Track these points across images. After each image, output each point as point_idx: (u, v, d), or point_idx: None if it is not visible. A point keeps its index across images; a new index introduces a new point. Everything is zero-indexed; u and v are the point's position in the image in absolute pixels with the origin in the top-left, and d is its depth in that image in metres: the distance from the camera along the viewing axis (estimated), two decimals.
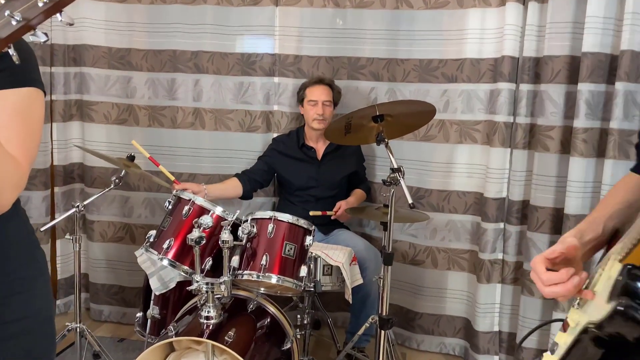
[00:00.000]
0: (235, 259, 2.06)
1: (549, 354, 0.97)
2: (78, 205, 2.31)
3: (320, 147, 2.84)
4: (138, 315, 2.40)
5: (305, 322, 2.39)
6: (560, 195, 2.43)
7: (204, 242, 1.91)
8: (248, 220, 2.11)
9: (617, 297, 0.82)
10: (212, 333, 1.86)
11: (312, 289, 2.18)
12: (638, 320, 0.79)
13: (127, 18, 2.92)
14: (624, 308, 0.80)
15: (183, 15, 2.88)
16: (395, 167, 1.95)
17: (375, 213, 2.42)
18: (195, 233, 1.87)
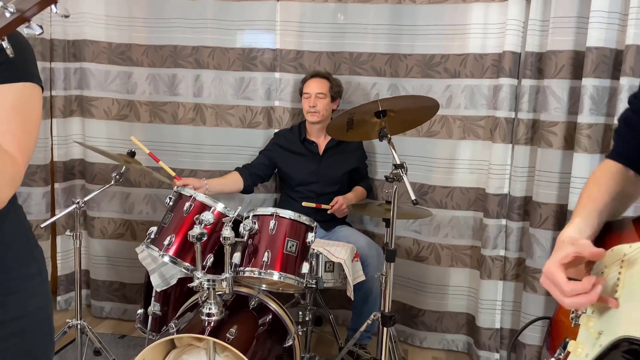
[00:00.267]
0: (237, 256, 2.04)
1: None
2: (78, 202, 2.31)
3: (322, 142, 2.83)
4: (139, 312, 2.39)
5: (307, 318, 2.39)
6: (564, 192, 2.41)
7: (205, 238, 1.89)
8: (249, 217, 2.10)
9: None
10: (213, 330, 1.85)
11: (313, 286, 2.17)
12: None
13: (127, 13, 2.90)
14: None
15: (183, 10, 2.86)
16: (398, 163, 1.93)
17: (378, 210, 2.40)
18: (197, 229, 1.86)
